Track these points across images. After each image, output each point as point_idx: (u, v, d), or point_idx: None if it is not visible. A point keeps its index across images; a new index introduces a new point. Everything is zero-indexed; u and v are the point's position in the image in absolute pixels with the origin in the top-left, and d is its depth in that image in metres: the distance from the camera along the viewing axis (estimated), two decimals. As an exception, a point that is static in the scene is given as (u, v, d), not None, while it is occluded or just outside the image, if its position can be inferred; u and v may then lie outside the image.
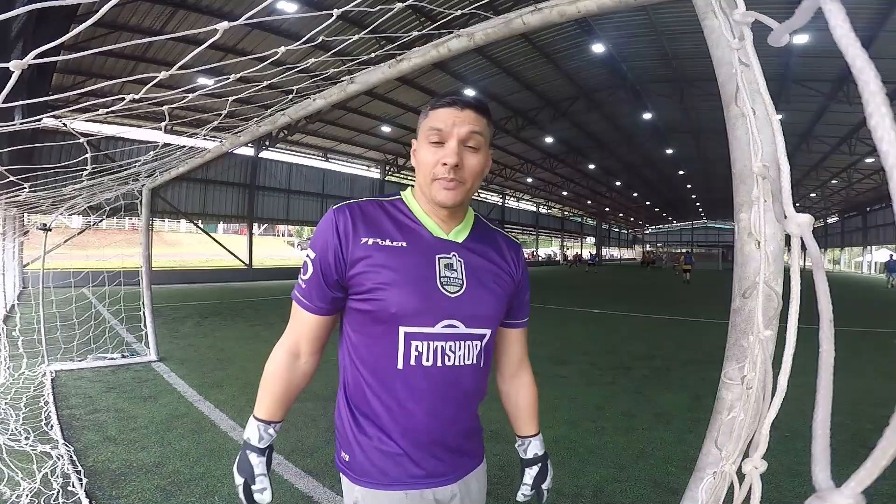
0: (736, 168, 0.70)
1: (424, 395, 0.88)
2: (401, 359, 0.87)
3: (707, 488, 0.66)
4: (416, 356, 0.87)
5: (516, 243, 1.06)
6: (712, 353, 5.73)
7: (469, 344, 0.91)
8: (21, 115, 5.94)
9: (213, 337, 6.41)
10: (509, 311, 1.03)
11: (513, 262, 1.01)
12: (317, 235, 0.91)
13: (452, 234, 0.94)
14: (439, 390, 0.89)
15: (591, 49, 13.77)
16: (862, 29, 10.68)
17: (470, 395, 0.95)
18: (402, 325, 0.86)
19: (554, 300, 12.15)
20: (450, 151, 0.87)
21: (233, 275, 17.87)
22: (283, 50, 1.35)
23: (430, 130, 0.89)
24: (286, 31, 11.22)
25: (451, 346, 0.89)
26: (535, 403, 1.13)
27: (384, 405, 0.88)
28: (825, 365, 0.36)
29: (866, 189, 28.82)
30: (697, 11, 0.78)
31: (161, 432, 3.07)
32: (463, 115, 0.89)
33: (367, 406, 0.90)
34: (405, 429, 0.88)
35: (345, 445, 0.92)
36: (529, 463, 1.10)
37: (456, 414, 0.92)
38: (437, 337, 0.88)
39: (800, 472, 2.61)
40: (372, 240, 0.88)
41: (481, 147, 0.92)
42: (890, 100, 0.35)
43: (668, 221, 64.28)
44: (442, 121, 0.88)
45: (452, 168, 0.87)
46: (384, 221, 0.92)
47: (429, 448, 0.90)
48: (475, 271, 0.93)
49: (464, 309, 0.89)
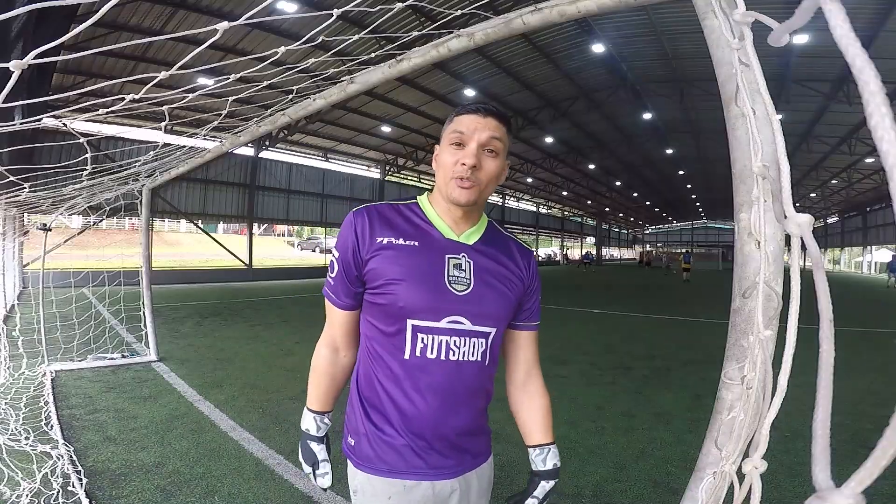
0: (736, 168, 0.70)
1: (429, 387, 0.92)
2: (408, 350, 0.92)
3: (707, 488, 0.66)
4: (421, 348, 0.92)
5: (529, 249, 1.10)
6: (712, 353, 5.74)
7: (474, 341, 0.94)
8: (21, 115, 5.94)
9: (213, 337, 6.41)
10: (518, 313, 1.06)
11: (524, 267, 1.05)
12: (339, 236, 0.99)
13: (464, 237, 0.99)
14: (443, 383, 0.93)
15: (591, 49, 13.77)
16: (862, 29, 10.68)
17: (474, 392, 0.97)
18: (409, 319, 0.91)
19: (554, 300, 12.15)
20: (469, 153, 0.93)
21: (233, 275, 17.86)
22: (283, 50, 1.35)
23: (453, 133, 0.95)
24: (286, 31, 11.21)
25: (456, 341, 0.92)
26: (550, 412, 1.09)
27: (389, 396, 0.93)
28: (825, 365, 0.36)
29: (866, 189, 28.80)
30: (697, 11, 0.79)
31: (161, 432, 3.07)
32: (485, 122, 0.94)
33: (374, 396, 0.95)
34: (409, 420, 0.92)
35: (352, 431, 0.99)
36: (548, 476, 1.01)
37: (458, 409, 0.95)
38: (443, 332, 0.92)
39: (800, 472, 2.61)
40: (386, 239, 0.94)
41: (500, 153, 0.97)
42: (890, 100, 0.35)
43: (668, 221, 64.26)
44: (465, 125, 0.94)
45: (470, 168, 0.92)
46: (399, 222, 0.98)
47: (430, 440, 0.93)
48: (483, 272, 0.97)
49: (470, 306, 0.93)
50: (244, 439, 3.00)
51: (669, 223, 65.42)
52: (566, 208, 45.22)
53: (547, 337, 6.77)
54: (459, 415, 0.95)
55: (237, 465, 2.65)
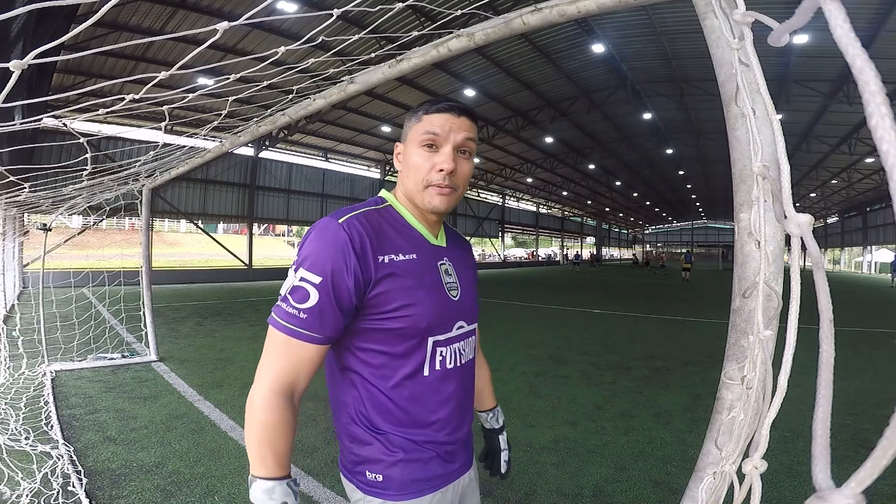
0: (736, 168, 0.70)
1: (452, 395, 0.93)
2: (427, 366, 0.89)
3: (707, 488, 0.66)
4: (440, 360, 0.90)
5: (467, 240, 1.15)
6: (712, 353, 5.74)
7: (471, 339, 0.99)
8: (21, 115, 5.94)
9: (213, 337, 6.41)
10: None
11: (473, 258, 1.11)
12: (322, 255, 0.79)
13: (440, 240, 0.98)
14: (460, 387, 0.95)
15: (591, 49, 13.77)
16: (862, 29, 10.69)
17: (473, 386, 1.03)
18: (430, 336, 0.88)
19: (554, 300, 12.15)
20: (446, 157, 0.88)
21: (233, 275, 17.87)
22: (283, 50, 1.35)
23: (426, 135, 0.89)
24: (286, 31, 11.22)
25: (463, 345, 0.96)
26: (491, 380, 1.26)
27: (413, 416, 0.88)
28: (825, 365, 0.36)
29: (866, 189, 28.82)
30: (697, 11, 0.79)
31: (161, 432, 3.07)
32: (459, 122, 0.90)
33: (394, 421, 0.87)
34: (438, 432, 0.91)
35: (375, 468, 0.88)
36: (502, 430, 1.21)
37: (470, 407, 1.00)
38: (455, 339, 0.93)
39: (800, 472, 2.61)
40: (388, 257, 0.85)
41: (473, 154, 0.93)
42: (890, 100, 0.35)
43: (668, 221, 64.28)
44: (438, 126, 0.89)
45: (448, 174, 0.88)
46: (391, 234, 0.89)
47: (455, 444, 0.95)
48: (462, 272, 0.99)
49: (465, 308, 0.96)
50: (244, 439, 3.00)
51: (669, 223, 65.44)
52: (566, 208, 45.23)
53: (547, 337, 6.78)
54: (470, 412, 1.01)
55: (237, 465, 2.65)
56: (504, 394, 3.93)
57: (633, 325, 8.14)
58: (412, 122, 0.93)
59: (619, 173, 31.84)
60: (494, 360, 5.25)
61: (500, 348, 5.90)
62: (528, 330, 7.41)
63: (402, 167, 0.94)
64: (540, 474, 2.61)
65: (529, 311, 9.83)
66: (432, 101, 0.92)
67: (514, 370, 4.81)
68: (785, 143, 0.55)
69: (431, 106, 0.91)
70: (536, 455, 2.85)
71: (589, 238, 53.09)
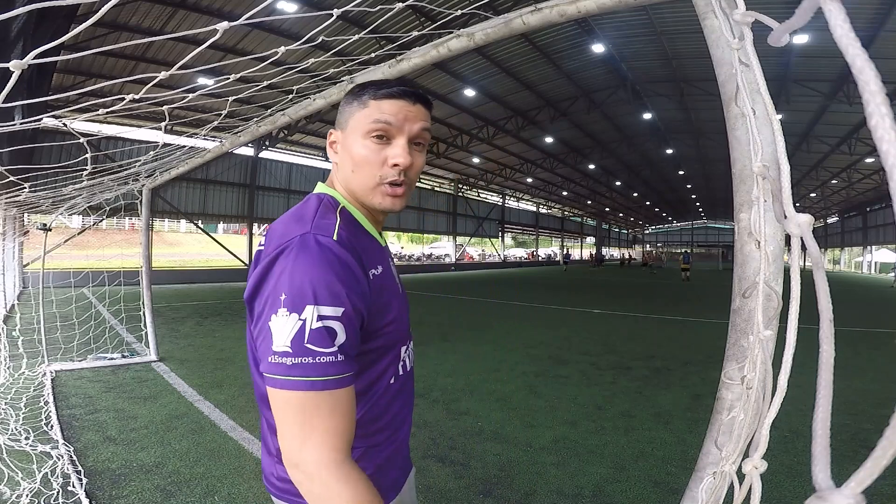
0: (736, 168, 0.70)
1: (411, 396, 0.92)
2: (396, 373, 0.84)
3: (707, 488, 0.66)
4: (402, 365, 0.86)
5: None
6: (712, 353, 5.74)
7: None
8: (21, 115, 5.95)
9: (213, 337, 6.41)
10: None
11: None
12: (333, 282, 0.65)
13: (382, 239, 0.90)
14: (412, 386, 0.94)
15: (591, 49, 13.78)
16: (862, 29, 10.69)
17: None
18: (401, 345, 0.84)
19: (554, 300, 12.15)
20: (401, 150, 0.77)
21: (233, 275, 17.86)
22: (283, 50, 1.35)
23: (376, 124, 0.76)
24: (286, 31, 11.22)
25: (411, 342, 0.93)
26: None
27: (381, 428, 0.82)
28: (825, 365, 0.36)
29: (866, 189, 28.83)
30: (697, 11, 0.79)
31: (161, 432, 3.07)
32: (415, 110, 0.78)
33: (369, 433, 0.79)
34: (404, 431, 0.91)
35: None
36: None
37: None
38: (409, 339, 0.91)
39: (800, 472, 2.61)
40: (372, 271, 0.74)
41: (426, 144, 0.83)
42: (890, 100, 0.35)
43: (668, 221, 64.29)
44: (391, 114, 0.76)
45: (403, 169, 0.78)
46: (364, 243, 0.77)
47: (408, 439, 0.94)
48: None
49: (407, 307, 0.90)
50: (244, 439, 3.00)
51: (669, 223, 65.45)
52: (566, 208, 45.23)
53: (547, 337, 6.78)
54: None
55: (237, 465, 2.65)
56: (504, 394, 3.92)
57: (633, 325, 8.14)
58: (354, 106, 0.79)
59: (619, 173, 31.85)
60: (494, 359, 5.25)
61: (500, 348, 5.90)
62: (528, 330, 7.41)
63: (341, 160, 0.81)
64: (540, 474, 2.61)
65: (529, 311, 9.83)
66: (378, 82, 0.80)
67: (514, 370, 4.81)
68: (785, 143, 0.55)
69: (379, 90, 0.78)
70: (536, 455, 2.85)
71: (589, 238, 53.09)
